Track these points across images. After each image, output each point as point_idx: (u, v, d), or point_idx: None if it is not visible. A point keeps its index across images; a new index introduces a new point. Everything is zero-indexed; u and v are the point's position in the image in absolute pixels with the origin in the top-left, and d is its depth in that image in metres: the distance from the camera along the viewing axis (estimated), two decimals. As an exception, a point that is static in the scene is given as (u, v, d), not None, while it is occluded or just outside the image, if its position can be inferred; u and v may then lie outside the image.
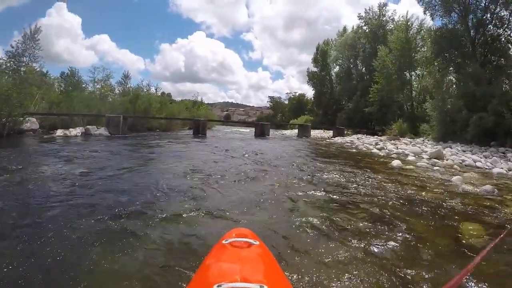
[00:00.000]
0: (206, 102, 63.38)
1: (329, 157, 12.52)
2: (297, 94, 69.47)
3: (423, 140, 19.73)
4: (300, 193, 5.93)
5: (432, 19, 23.93)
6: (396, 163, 10.69)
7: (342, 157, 12.79)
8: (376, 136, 26.13)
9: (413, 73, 30.41)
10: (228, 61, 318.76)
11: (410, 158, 13.19)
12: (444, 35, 22.19)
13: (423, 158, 13.32)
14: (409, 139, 20.71)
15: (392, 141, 19.87)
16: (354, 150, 16.57)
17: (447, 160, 12.79)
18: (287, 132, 39.79)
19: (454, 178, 8.18)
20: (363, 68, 42.07)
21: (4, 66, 18.06)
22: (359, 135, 28.78)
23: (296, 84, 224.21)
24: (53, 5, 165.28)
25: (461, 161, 12.74)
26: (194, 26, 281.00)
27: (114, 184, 6.26)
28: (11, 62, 18.45)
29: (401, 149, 15.93)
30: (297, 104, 64.63)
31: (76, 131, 18.21)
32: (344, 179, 7.54)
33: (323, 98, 48.83)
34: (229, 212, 4.58)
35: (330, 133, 33.43)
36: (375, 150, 15.91)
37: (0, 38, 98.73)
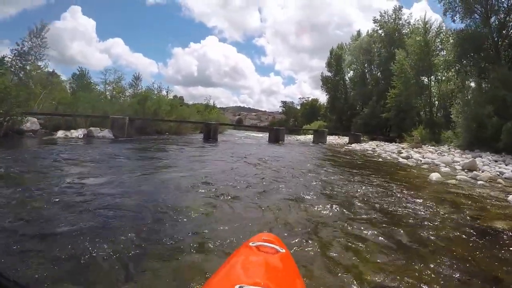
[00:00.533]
0: (218, 106, 61.76)
1: (356, 168, 10.91)
2: (309, 99, 68.10)
3: (449, 149, 18.09)
4: (333, 222, 4.45)
5: (453, 20, 22.42)
6: (435, 176, 9.10)
7: (370, 168, 11.12)
8: (395, 143, 24.58)
9: (432, 77, 28.67)
10: (240, 65, 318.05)
11: (443, 169, 11.62)
12: (466, 37, 20.76)
13: (456, 169, 11.81)
14: (432, 147, 19.08)
15: (415, 149, 18.30)
16: (379, 160, 14.90)
17: (482, 172, 11.23)
18: (301, 137, 37.98)
19: (511, 198, 6.67)
20: (379, 73, 40.46)
21: (9, 64, 17.08)
22: (377, 142, 27.24)
23: (308, 89, 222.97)
24: (68, 8, 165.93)
25: (498, 173, 11.20)
26: (206, 30, 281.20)
27: (100, 200, 4.84)
28: (17, 60, 17.50)
29: (428, 158, 14.37)
30: (310, 109, 63.15)
31: (78, 133, 16.91)
32: (383, 200, 6.00)
33: (337, 103, 47.44)
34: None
35: (345, 139, 31.92)
36: (401, 160, 14.26)
37: (14, 40, 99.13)
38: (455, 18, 22.01)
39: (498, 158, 14.37)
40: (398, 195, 6.51)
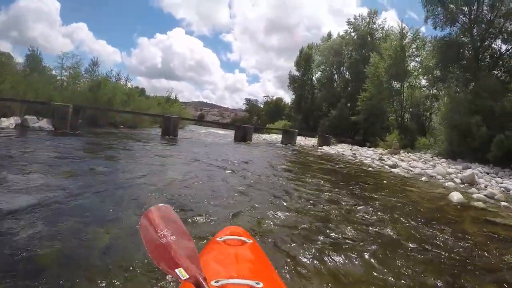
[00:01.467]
0: (180, 101, 57.95)
1: (350, 181, 8.88)
2: (274, 98, 66.26)
3: (432, 157, 16.69)
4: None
5: (434, 27, 21.37)
6: (456, 197, 7.24)
7: (366, 182, 9.06)
8: (370, 148, 23.07)
9: (405, 83, 27.63)
10: (206, 60, 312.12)
11: (447, 183, 10.00)
12: (448, 44, 19.84)
13: (456, 183, 10.30)
14: (411, 154, 17.64)
15: (395, 155, 16.80)
16: (369, 169, 12.57)
17: (485, 187, 9.78)
18: (267, 137, 35.25)
19: None
20: (349, 75, 39.38)
21: None
22: (348, 145, 25.81)
23: (272, 89, 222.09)
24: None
25: (503, 189, 9.79)
26: (174, 22, 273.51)
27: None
28: None
29: (418, 167, 12.79)
30: (274, 108, 61.32)
31: (9, 122, 13.66)
32: (417, 236, 4.23)
33: (303, 104, 46.02)
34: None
35: (313, 140, 30.35)
36: (392, 169, 12.45)
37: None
38: (436, 25, 21.09)
39: (488, 170, 13.19)
40: (432, 229, 4.61)
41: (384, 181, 9.57)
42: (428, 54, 23.25)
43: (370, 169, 12.57)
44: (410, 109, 27.29)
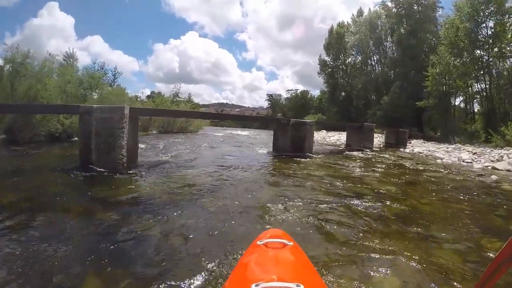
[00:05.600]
0: (201, 103, 48.57)
1: None
2: (298, 91, 56.98)
3: None
4: None
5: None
6: None
7: None
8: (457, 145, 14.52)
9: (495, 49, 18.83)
10: (222, 61, 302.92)
11: None
12: None
13: None
14: None
15: None
16: None
17: None
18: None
19: None
20: (396, 53, 30.63)
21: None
22: (429, 143, 17.40)
23: (290, 84, 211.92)
24: (45, 5, 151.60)
25: None
26: (187, 26, 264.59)
27: None
28: None
29: None
30: (301, 102, 52.36)
31: None
32: None
33: (338, 92, 37.20)
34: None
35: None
36: None
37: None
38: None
39: None
40: None
41: None
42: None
43: None
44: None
